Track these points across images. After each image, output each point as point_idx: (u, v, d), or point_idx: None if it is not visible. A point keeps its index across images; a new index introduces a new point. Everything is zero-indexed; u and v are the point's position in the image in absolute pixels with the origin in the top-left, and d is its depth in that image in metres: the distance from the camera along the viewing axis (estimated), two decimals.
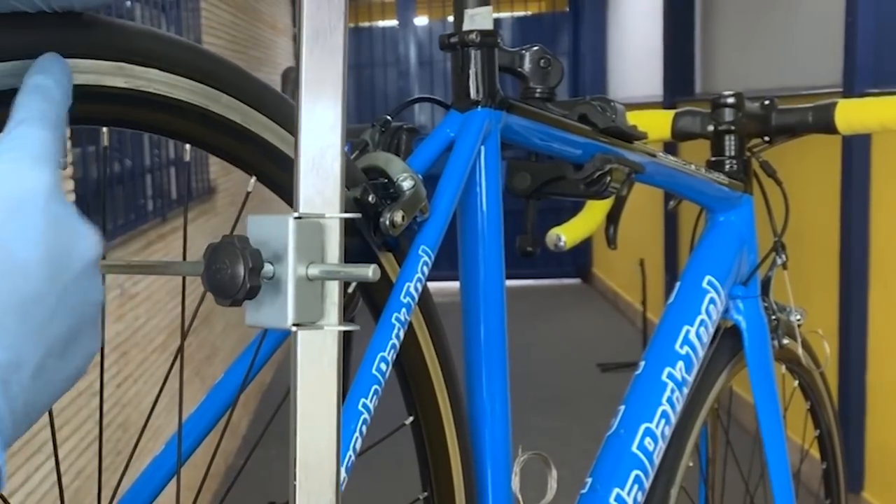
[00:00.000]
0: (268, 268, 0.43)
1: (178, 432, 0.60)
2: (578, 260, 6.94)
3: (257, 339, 0.70)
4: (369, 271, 0.42)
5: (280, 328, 0.44)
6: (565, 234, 1.29)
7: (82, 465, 2.14)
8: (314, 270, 0.43)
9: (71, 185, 2.28)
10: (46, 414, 0.46)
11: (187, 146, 0.55)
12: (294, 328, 0.43)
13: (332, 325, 0.44)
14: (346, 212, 0.64)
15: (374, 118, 0.80)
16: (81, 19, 0.46)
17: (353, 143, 0.83)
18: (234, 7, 4.40)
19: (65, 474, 2.06)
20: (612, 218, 1.34)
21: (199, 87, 0.52)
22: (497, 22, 7.20)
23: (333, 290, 0.45)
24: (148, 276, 2.87)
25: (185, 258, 0.57)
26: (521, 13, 7.26)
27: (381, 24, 7.38)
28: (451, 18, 0.80)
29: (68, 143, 0.56)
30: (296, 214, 0.43)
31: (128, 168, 2.97)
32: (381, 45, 7.24)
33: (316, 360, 0.44)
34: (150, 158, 3.36)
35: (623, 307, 5.91)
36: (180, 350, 0.60)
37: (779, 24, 3.54)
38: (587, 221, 1.32)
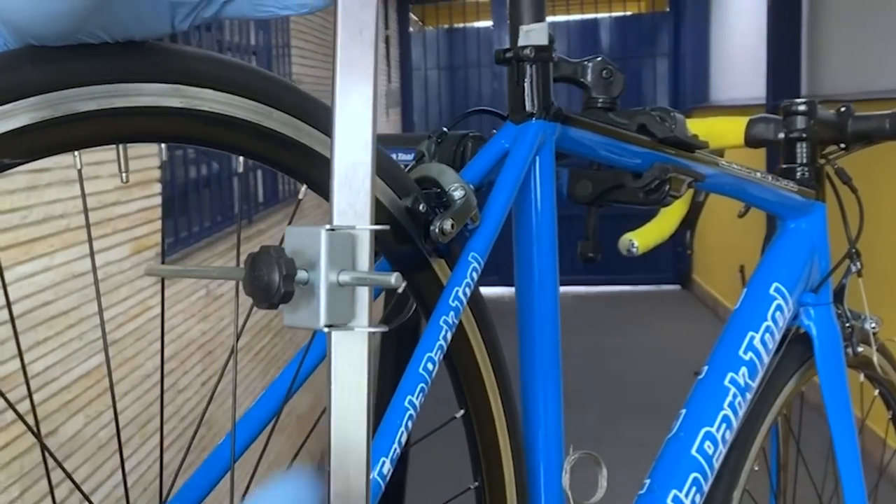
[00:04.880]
0: (302, 274, 0.47)
1: (231, 432, 0.65)
2: (678, 266, 6.83)
3: (305, 346, 0.75)
4: (392, 279, 0.46)
5: (313, 328, 0.47)
6: (638, 240, 1.30)
7: (167, 460, 2.23)
8: (345, 277, 0.47)
9: (158, 188, 2.39)
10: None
11: (240, 158, 0.59)
12: (327, 329, 0.47)
13: (362, 327, 0.48)
14: (389, 222, 0.68)
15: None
16: (142, 47, 0.51)
17: (417, 151, 0.87)
18: (322, 10, 4.49)
19: (150, 468, 2.15)
20: (689, 224, 1.34)
21: (251, 104, 0.56)
22: (595, 22, 7.14)
23: (363, 295, 0.48)
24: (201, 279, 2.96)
25: (238, 264, 0.62)
26: (620, 13, 7.18)
27: (477, 24, 7.42)
28: (549, 19, 0.83)
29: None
30: (328, 227, 0.47)
31: (214, 171, 3.05)
32: (475, 46, 7.27)
33: (347, 358, 0.48)
34: (236, 161, 3.45)
35: (723, 314, 5.80)
36: (233, 351, 0.64)
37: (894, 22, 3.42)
38: (661, 227, 1.32)
